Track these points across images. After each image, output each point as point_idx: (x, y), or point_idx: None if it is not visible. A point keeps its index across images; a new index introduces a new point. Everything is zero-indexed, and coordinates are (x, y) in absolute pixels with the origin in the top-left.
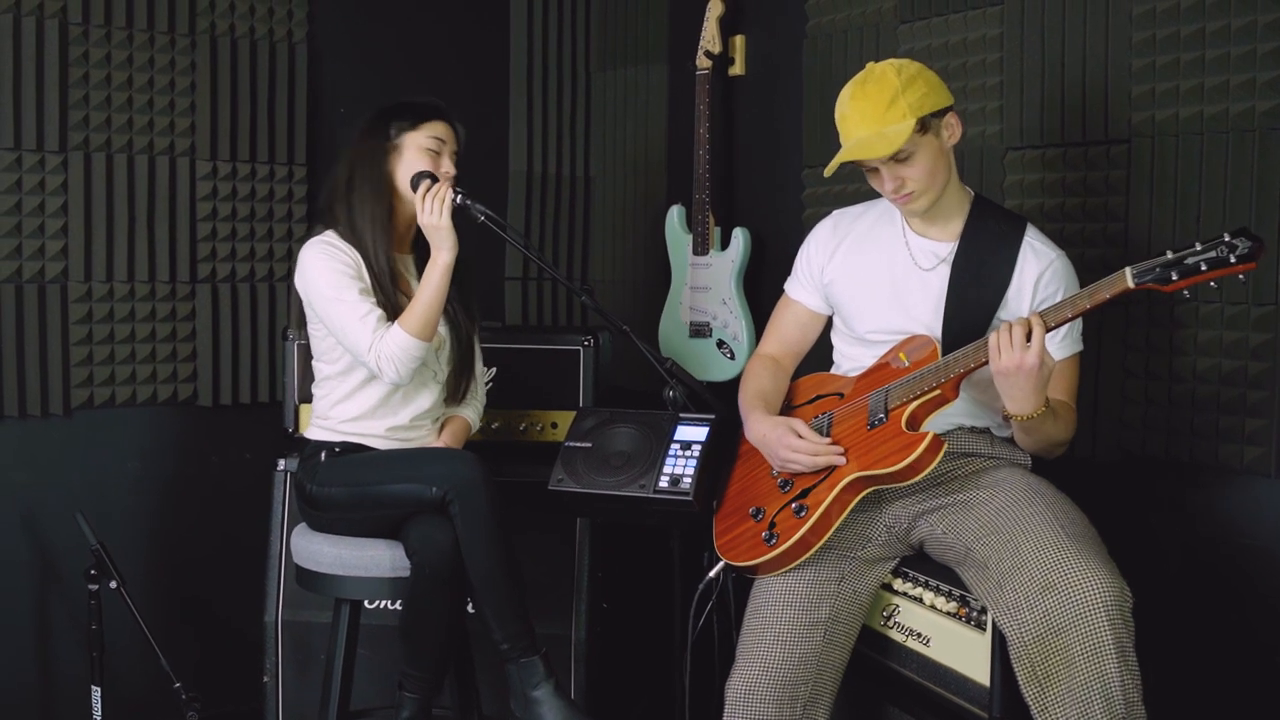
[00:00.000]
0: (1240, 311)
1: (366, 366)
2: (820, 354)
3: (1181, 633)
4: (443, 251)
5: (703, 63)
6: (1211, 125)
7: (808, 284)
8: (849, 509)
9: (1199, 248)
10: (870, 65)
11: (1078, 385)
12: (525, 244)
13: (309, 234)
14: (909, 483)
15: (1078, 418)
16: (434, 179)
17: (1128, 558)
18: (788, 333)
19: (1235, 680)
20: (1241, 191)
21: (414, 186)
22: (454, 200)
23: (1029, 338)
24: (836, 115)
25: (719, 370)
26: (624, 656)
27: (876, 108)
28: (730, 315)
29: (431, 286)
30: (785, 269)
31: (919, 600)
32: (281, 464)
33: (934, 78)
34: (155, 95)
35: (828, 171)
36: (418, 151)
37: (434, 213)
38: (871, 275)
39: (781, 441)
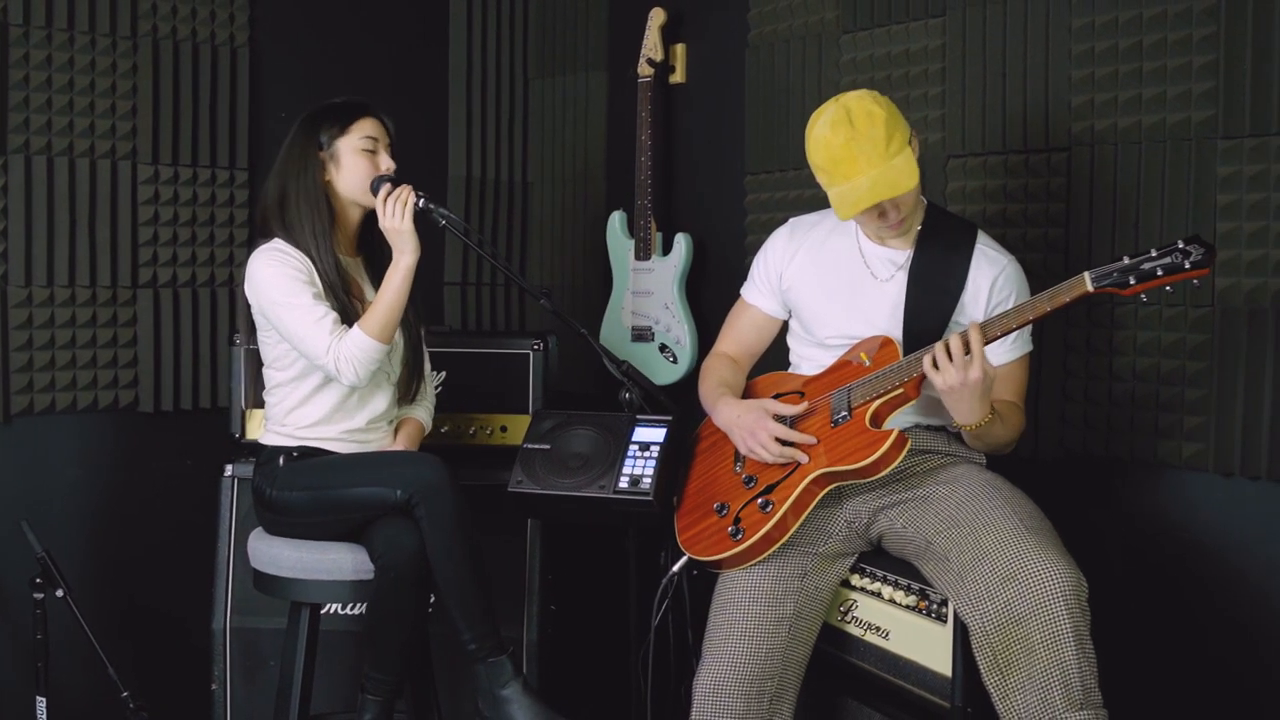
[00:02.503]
0: (1178, 313)
1: (324, 370)
2: (771, 357)
3: (1123, 624)
4: (404, 255)
5: (645, 70)
6: (1149, 135)
7: (765, 289)
8: (814, 504)
9: (1154, 253)
10: (842, 101)
11: (1026, 385)
12: (493, 254)
13: (251, 246)
14: (873, 479)
15: None
16: (394, 182)
17: (1071, 553)
18: (744, 335)
19: (1173, 666)
20: (1178, 199)
21: (374, 190)
22: (416, 204)
23: (967, 351)
24: (822, 158)
25: (662, 374)
26: (575, 657)
27: (877, 146)
28: (673, 320)
29: (393, 289)
30: (727, 274)
31: (877, 595)
32: (229, 469)
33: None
34: (96, 98)
35: (848, 216)
36: (354, 155)
37: (396, 216)
38: (830, 282)
39: (759, 423)
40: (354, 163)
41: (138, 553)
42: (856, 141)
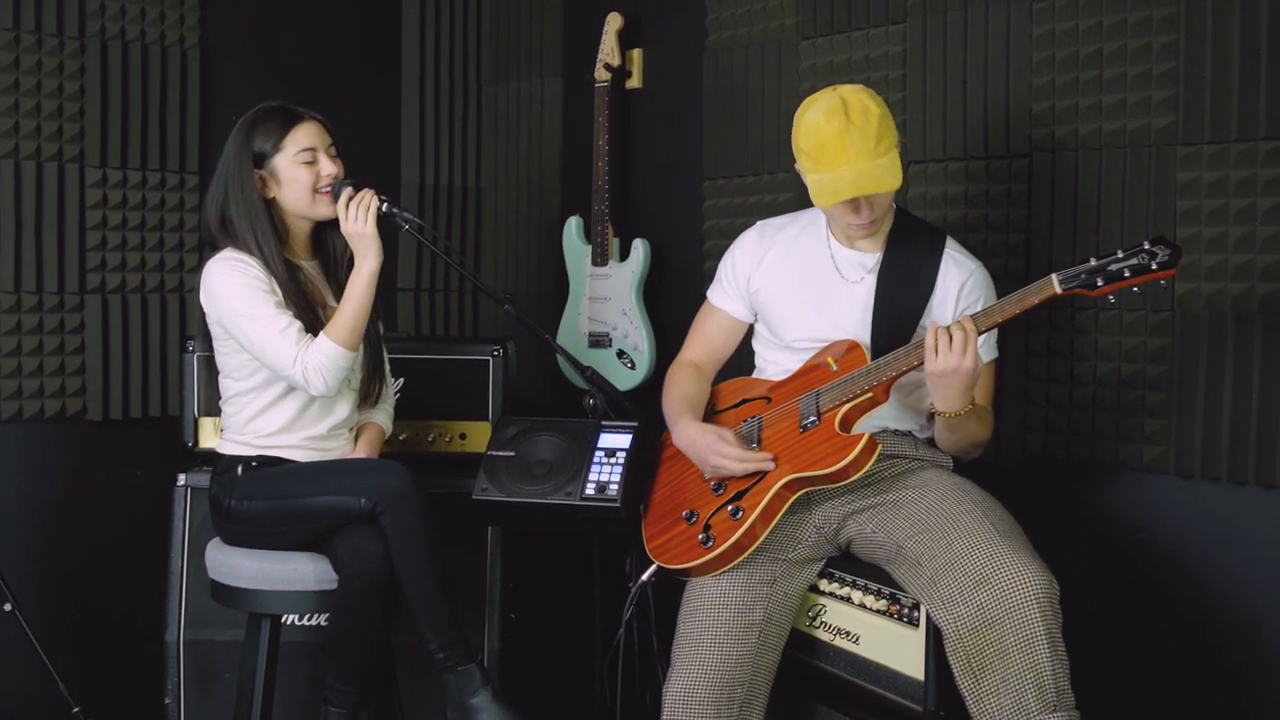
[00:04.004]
0: (1138, 317)
1: (291, 380)
2: (736, 361)
3: (1085, 625)
4: (368, 260)
5: (602, 75)
6: (1110, 141)
7: (732, 292)
8: (784, 510)
9: (1120, 255)
10: (839, 92)
11: (993, 390)
12: (460, 261)
13: (202, 252)
14: (843, 484)
15: None
16: (356, 186)
17: None
18: (711, 339)
19: (1134, 667)
20: (1139, 205)
21: (335, 195)
22: (379, 208)
23: (964, 341)
24: (810, 143)
25: (620, 380)
26: (539, 666)
27: (867, 141)
28: (630, 325)
29: (358, 295)
30: (685, 280)
31: (847, 600)
32: (182, 479)
33: None
34: (44, 100)
35: (826, 204)
36: (293, 169)
37: (359, 220)
38: (799, 285)
39: (711, 448)
40: (294, 177)
41: (87, 565)
42: (849, 132)
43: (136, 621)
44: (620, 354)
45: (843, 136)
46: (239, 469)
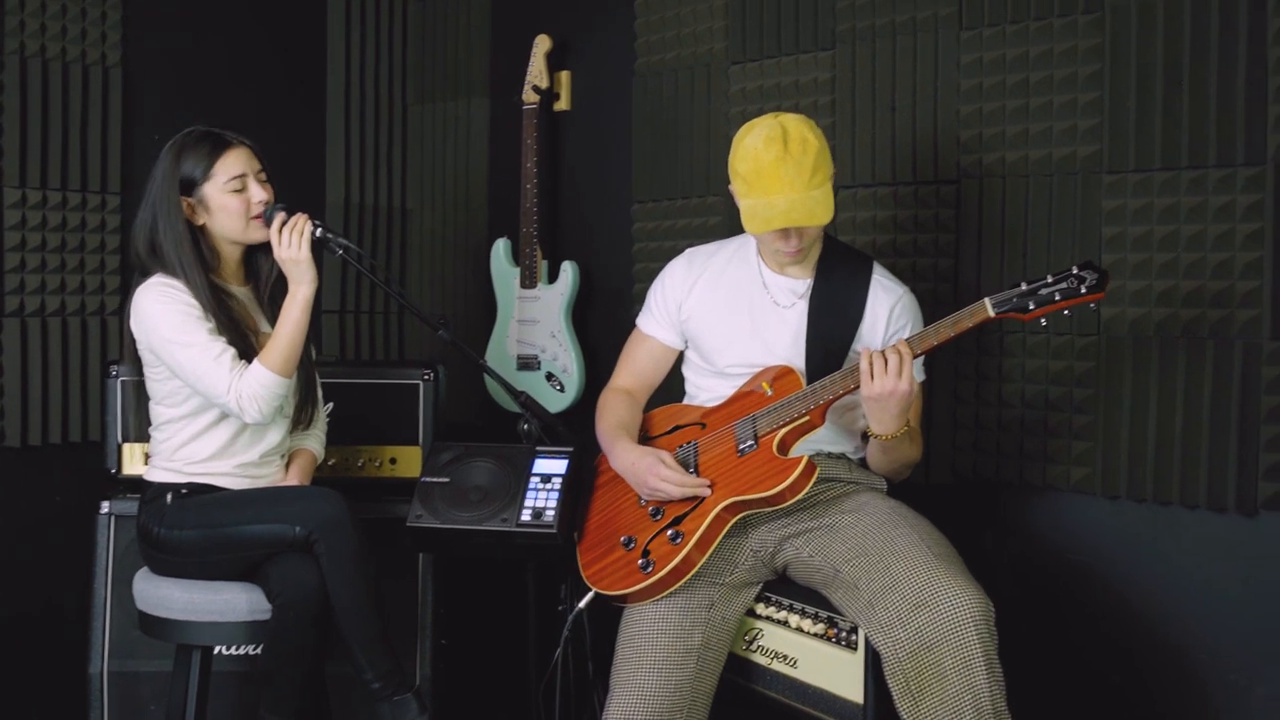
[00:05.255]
0: (1065, 341)
1: (225, 408)
2: (666, 387)
3: (1014, 645)
4: (303, 285)
5: (530, 98)
6: (1036, 169)
7: (662, 319)
8: (723, 533)
9: (1050, 279)
10: (780, 120)
11: (922, 411)
12: (400, 292)
13: (125, 275)
14: (780, 506)
15: None
16: (289, 210)
17: None
18: (641, 366)
19: (1062, 686)
20: (1065, 231)
21: (268, 220)
22: (313, 233)
23: (899, 364)
24: (747, 168)
25: (549, 402)
26: (471, 693)
27: (802, 173)
28: (559, 348)
29: (292, 321)
30: (615, 302)
31: (784, 624)
32: (106, 506)
33: None
34: None
35: (757, 230)
36: (222, 198)
37: (293, 246)
38: (731, 311)
39: (651, 470)
40: (223, 205)
41: (5, 594)
42: (785, 163)
43: (58, 653)
44: (549, 376)
45: (779, 166)
46: (168, 497)
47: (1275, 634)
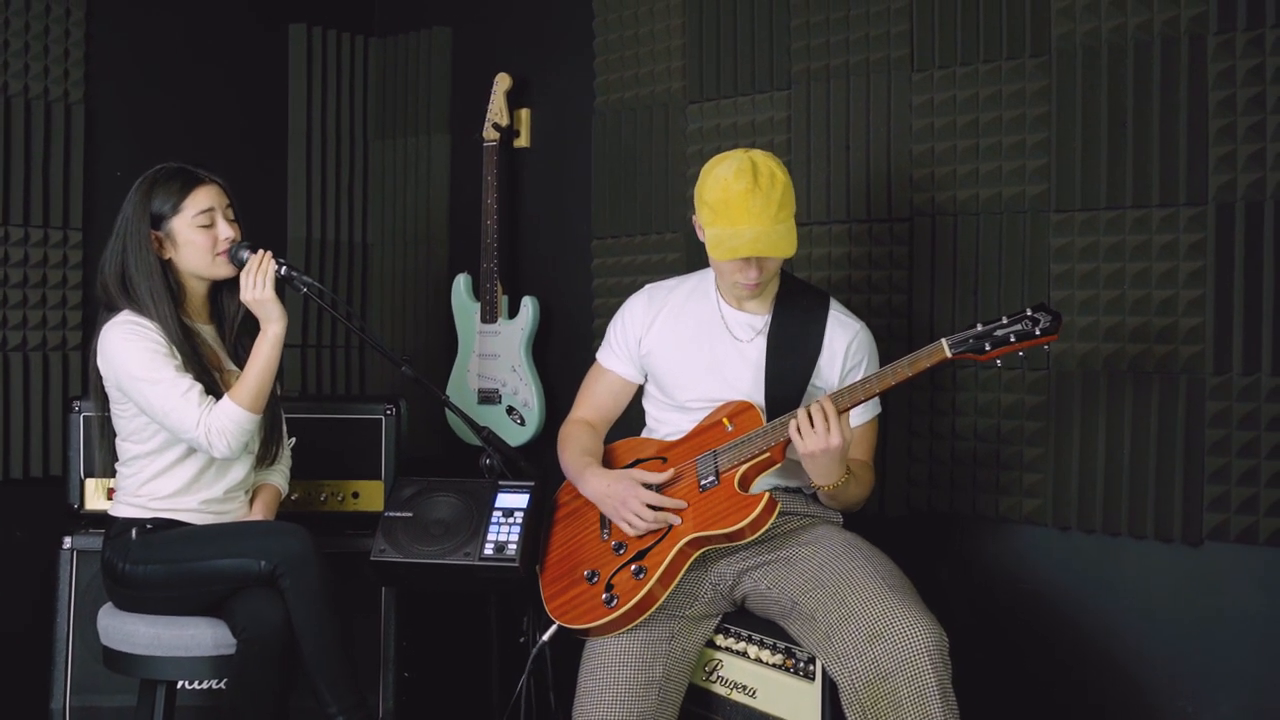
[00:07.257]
0: (1016, 375)
1: (193, 443)
2: (625, 420)
3: (968, 675)
4: (272, 324)
5: (491, 135)
6: (986, 207)
7: (622, 354)
8: (686, 568)
9: (1005, 321)
10: (750, 154)
11: (875, 445)
12: (360, 326)
13: (89, 312)
14: (742, 542)
15: None
16: (253, 248)
17: None
18: (601, 400)
19: (1015, 715)
20: (1015, 268)
21: (234, 259)
22: (278, 271)
23: (826, 420)
24: (716, 197)
25: (510, 436)
26: None
27: (769, 207)
28: (520, 382)
29: (263, 359)
30: (575, 337)
31: (743, 654)
32: (68, 541)
33: None
34: None
35: (723, 258)
36: (190, 233)
37: (258, 287)
38: (690, 346)
39: (630, 492)
40: (190, 240)
41: None
42: (754, 194)
43: (17, 691)
44: (510, 410)
45: (748, 197)
46: (133, 532)
47: (1222, 661)
